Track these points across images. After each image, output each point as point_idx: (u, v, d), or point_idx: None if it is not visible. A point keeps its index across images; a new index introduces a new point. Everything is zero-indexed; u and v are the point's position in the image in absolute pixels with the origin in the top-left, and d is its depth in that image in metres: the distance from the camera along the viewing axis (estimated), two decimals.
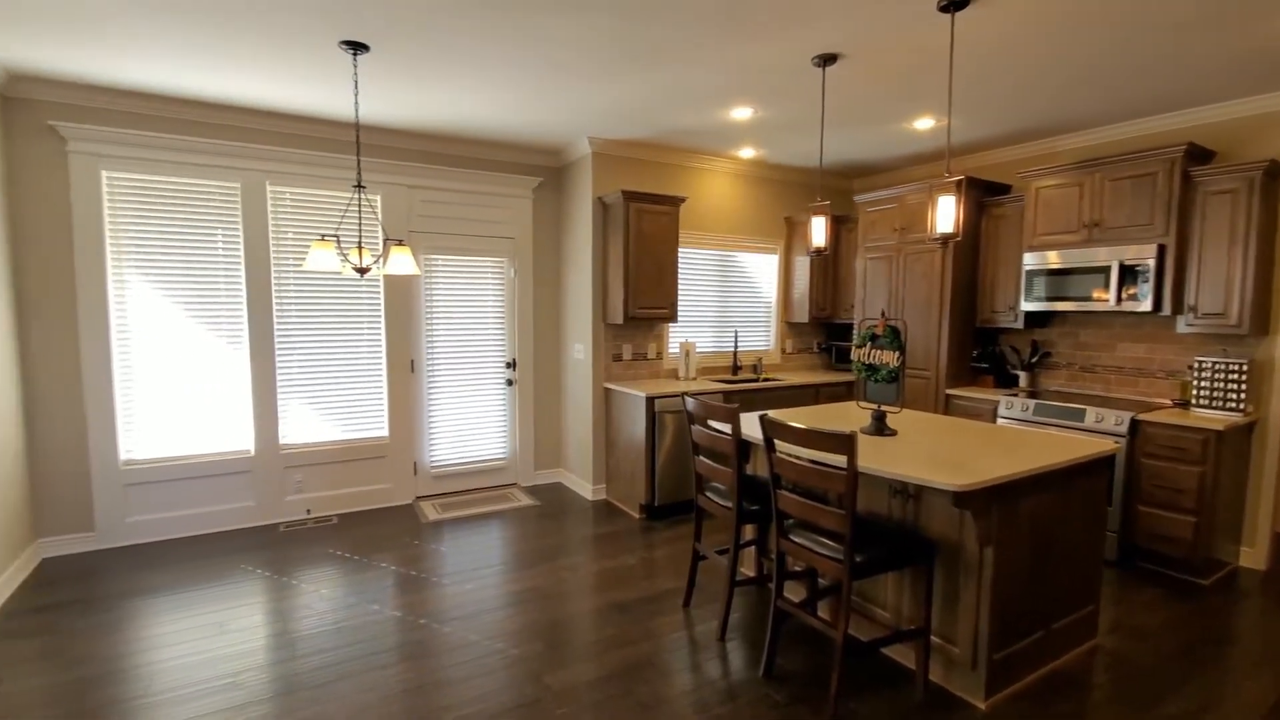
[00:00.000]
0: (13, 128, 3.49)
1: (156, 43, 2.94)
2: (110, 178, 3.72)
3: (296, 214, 4.24)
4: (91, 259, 3.68)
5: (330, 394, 4.45)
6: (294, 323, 4.28)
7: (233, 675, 2.59)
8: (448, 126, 4.30)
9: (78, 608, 3.14)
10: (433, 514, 4.52)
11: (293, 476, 4.36)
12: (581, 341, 4.91)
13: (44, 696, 2.44)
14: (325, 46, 2.97)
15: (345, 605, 3.19)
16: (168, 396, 3.97)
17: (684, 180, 5.10)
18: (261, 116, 4.02)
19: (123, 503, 3.87)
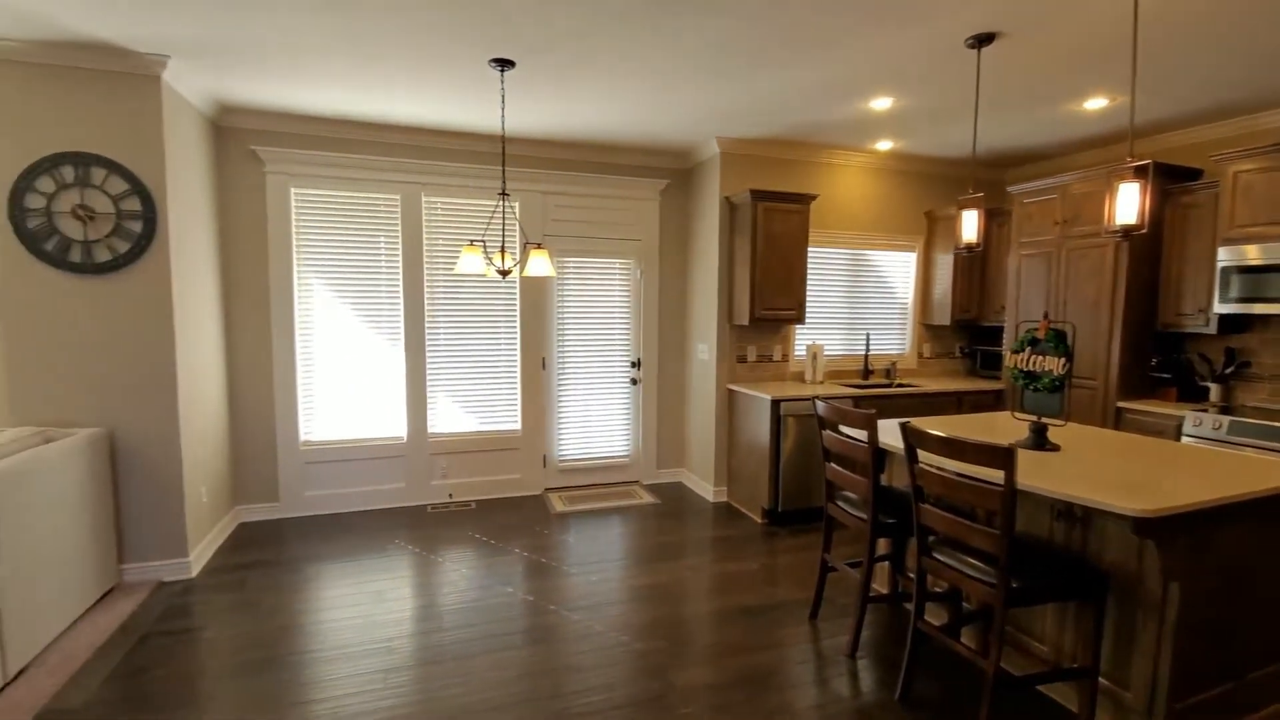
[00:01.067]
0: (223, 153, 4.08)
1: (340, 74, 3.31)
2: (297, 194, 4.24)
3: (446, 222, 4.60)
4: (282, 266, 4.23)
5: (471, 388, 4.78)
6: (442, 322, 4.65)
7: (389, 640, 2.86)
8: (580, 134, 4.47)
9: (266, 567, 3.61)
10: (560, 506, 4.72)
11: (438, 463, 4.74)
12: (705, 342, 4.91)
13: (240, 643, 2.83)
14: (476, 65, 3.19)
15: (483, 586, 3.41)
16: (338, 386, 4.46)
17: (814, 177, 4.94)
18: (419, 134, 4.40)
19: (301, 478, 4.41)
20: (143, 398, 3.29)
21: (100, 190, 3.13)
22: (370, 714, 2.34)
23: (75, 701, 2.40)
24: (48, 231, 3.07)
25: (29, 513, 2.60)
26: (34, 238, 3.06)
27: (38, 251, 3.07)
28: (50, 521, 2.74)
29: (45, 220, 3.07)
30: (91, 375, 3.21)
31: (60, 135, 3.08)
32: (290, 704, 2.40)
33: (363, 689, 2.50)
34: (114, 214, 3.15)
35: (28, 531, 2.58)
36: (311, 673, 2.61)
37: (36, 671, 2.56)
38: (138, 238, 3.19)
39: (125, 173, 3.15)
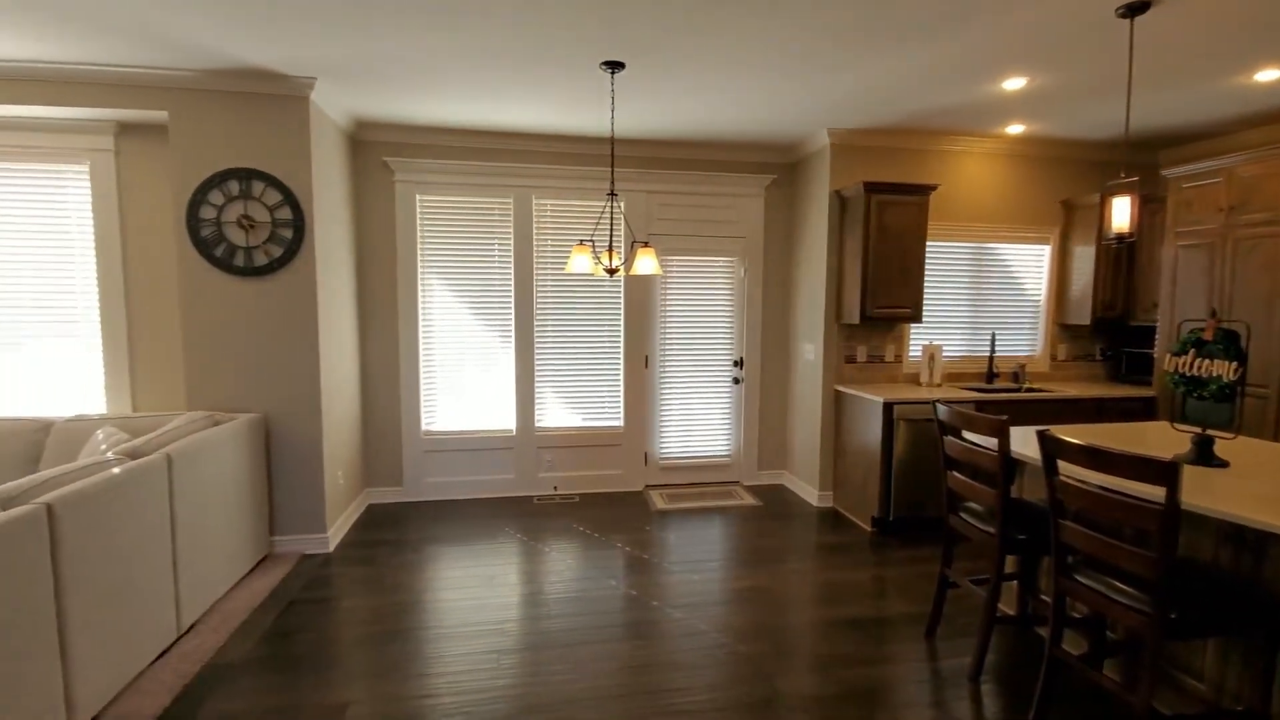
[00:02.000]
0: (359, 164, 4.44)
1: (462, 86, 3.51)
2: (422, 200, 4.54)
3: (555, 222, 4.76)
4: (408, 268, 4.54)
5: (576, 385, 4.92)
6: (550, 320, 4.81)
7: (500, 623, 3.00)
8: (686, 132, 4.46)
9: (392, 546, 3.90)
10: (660, 503, 4.75)
11: (544, 456, 4.91)
12: (812, 342, 4.76)
13: (370, 614, 3.07)
14: (588, 69, 3.27)
15: (587, 577, 3.49)
16: (455, 380, 4.74)
17: (933, 166, 4.65)
18: (531, 139, 4.58)
19: (422, 465, 4.72)
20: (291, 387, 3.65)
21: (259, 201, 3.50)
22: (484, 691, 2.47)
23: (235, 656, 2.70)
24: (217, 238, 3.48)
25: (201, 487, 2.95)
26: (206, 244, 3.47)
27: (209, 256, 3.48)
28: (218, 495, 3.10)
29: (215, 229, 3.47)
30: (250, 366, 3.60)
31: (227, 153, 3.48)
32: (413, 675, 2.57)
33: (477, 667, 2.63)
34: (270, 222, 3.51)
35: (200, 504, 2.94)
36: (431, 647, 2.78)
37: (203, 627, 2.91)
38: (289, 243, 3.54)
39: (279, 185, 3.51)
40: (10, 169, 3.66)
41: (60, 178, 3.71)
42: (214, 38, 2.93)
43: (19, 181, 3.68)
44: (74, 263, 3.77)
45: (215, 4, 2.60)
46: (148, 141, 3.79)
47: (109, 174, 3.71)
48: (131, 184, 3.79)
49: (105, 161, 3.70)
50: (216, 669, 2.61)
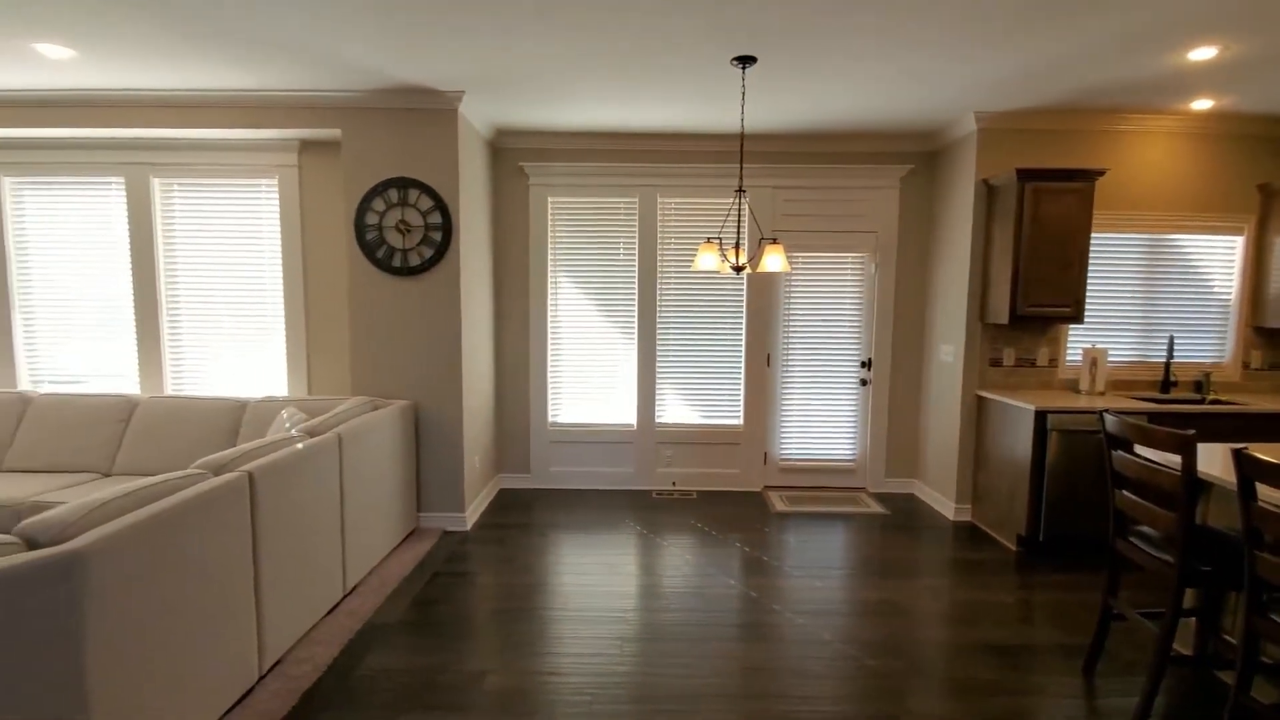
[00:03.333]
0: (497, 170, 4.74)
1: (594, 91, 3.64)
2: (553, 202, 4.76)
3: (678, 220, 4.80)
4: (539, 267, 4.79)
5: (696, 382, 4.94)
6: (671, 317, 4.87)
7: (621, 611, 3.09)
8: (815, 124, 4.33)
9: (521, 529, 4.14)
10: (780, 505, 4.65)
11: (663, 452, 4.98)
12: (950, 342, 4.45)
13: (501, 591, 3.28)
14: (719, 66, 3.27)
15: (705, 574, 3.51)
16: (580, 375, 4.93)
17: (1098, 149, 4.18)
18: (656, 139, 4.65)
19: (549, 455, 4.96)
20: (437, 377, 3.97)
21: (414, 207, 3.84)
22: (608, 676, 2.55)
23: (389, 618, 3.00)
24: (378, 242, 3.86)
25: (364, 464, 3.30)
26: (370, 247, 3.86)
27: (372, 258, 3.87)
28: (377, 472, 3.45)
29: (377, 233, 3.86)
30: (403, 357, 3.96)
31: (388, 164, 3.84)
32: (542, 652, 2.72)
33: (601, 651, 2.73)
34: (423, 226, 3.84)
35: (363, 479, 3.28)
36: (558, 628, 2.92)
37: (363, 590, 3.25)
38: (438, 245, 3.85)
39: (431, 192, 3.83)
40: (215, 184, 4.28)
41: (255, 191, 4.28)
42: (379, 61, 3.25)
43: (222, 194, 4.29)
44: (264, 264, 4.33)
45: (381, 32, 2.88)
46: (323, 157, 4.27)
47: (293, 186, 4.24)
48: (310, 195, 4.29)
49: (290, 176, 4.22)
50: (375, 628, 2.90)
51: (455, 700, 2.39)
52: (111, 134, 3.98)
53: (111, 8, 2.69)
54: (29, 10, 2.73)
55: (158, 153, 4.19)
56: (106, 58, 3.25)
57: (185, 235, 4.31)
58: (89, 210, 4.31)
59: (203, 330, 4.38)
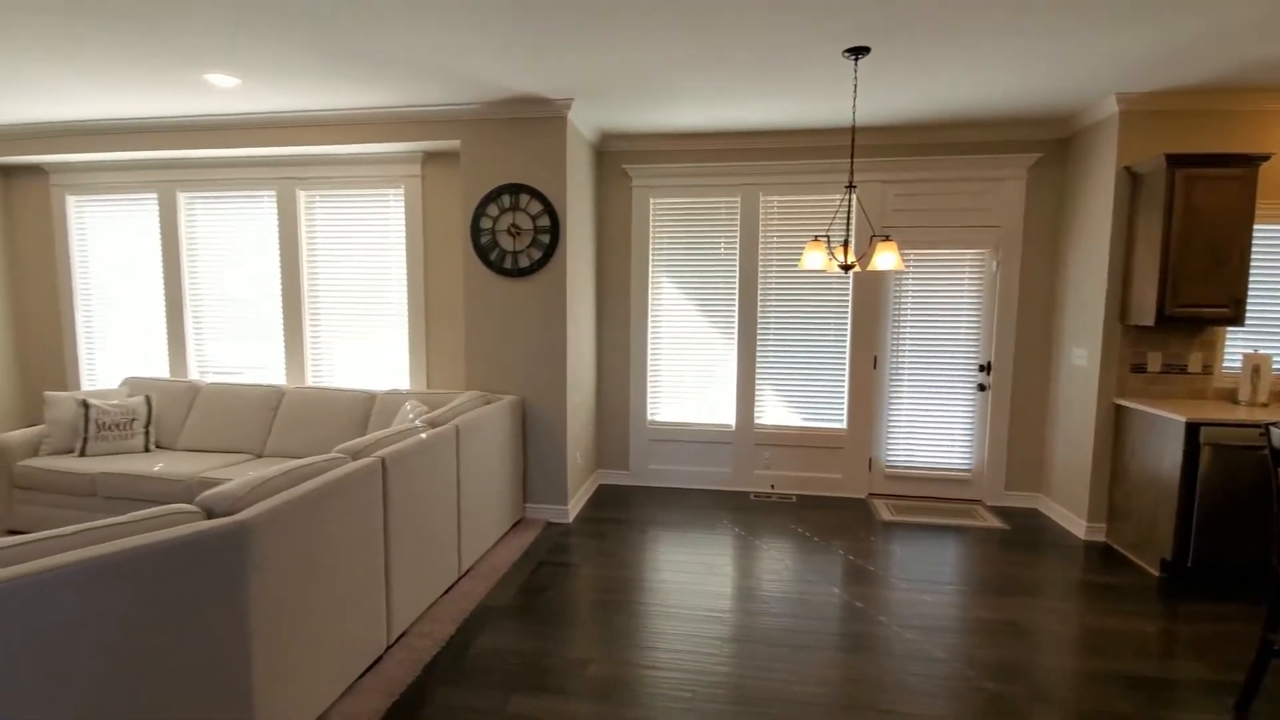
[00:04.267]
0: (602, 173, 4.86)
1: (698, 92, 3.66)
2: (655, 203, 4.83)
3: (782, 219, 4.72)
4: (640, 267, 4.87)
5: (797, 383, 4.83)
6: (772, 317, 4.79)
7: (718, 611, 3.09)
8: (932, 114, 4.11)
9: (620, 525, 4.23)
10: (886, 513, 4.46)
11: (762, 454, 4.92)
12: (1083, 345, 4.08)
13: (601, 584, 3.37)
14: (828, 59, 3.19)
15: (805, 580, 3.43)
16: (679, 374, 4.96)
17: (1261, 131, 3.68)
18: (759, 136, 4.59)
19: (647, 452, 5.03)
20: (543, 374, 4.14)
21: (524, 211, 4.02)
22: (707, 674, 2.56)
23: (499, 602, 3.16)
24: (491, 245, 4.08)
25: (478, 455, 3.50)
26: (484, 250, 4.09)
27: (485, 260, 4.10)
28: (489, 463, 3.64)
29: (491, 237, 4.07)
30: (512, 355, 4.16)
31: (501, 170, 4.05)
32: (641, 646, 2.77)
33: (699, 650, 2.75)
34: (532, 230, 4.02)
35: (477, 469, 3.49)
36: (656, 623, 2.97)
37: (475, 574, 3.45)
38: (546, 248, 4.01)
39: (540, 196, 3.99)
40: (350, 194, 4.68)
41: (384, 199, 4.65)
42: (495, 74, 3.43)
43: (355, 204, 4.69)
44: (390, 267, 4.69)
45: (500, 47, 3.04)
46: (443, 166, 4.57)
47: (416, 194, 4.56)
48: (431, 202, 4.60)
49: (415, 185, 4.55)
50: (486, 610, 3.08)
51: (560, 685, 2.49)
52: (266, 152, 4.45)
53: (272, 39, 3.02)
54: (204, 46, 3.11)
55: (303, 167, 4.65)
56: (265, 84, 3.65)
57: (324, 242, 4.75)
58: (246, 220, 4.85)
59: (337, 327, 4.81)
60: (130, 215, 5.03)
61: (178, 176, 4.85)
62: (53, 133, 4.58)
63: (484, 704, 2.37)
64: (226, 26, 2.88)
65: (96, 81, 3.62)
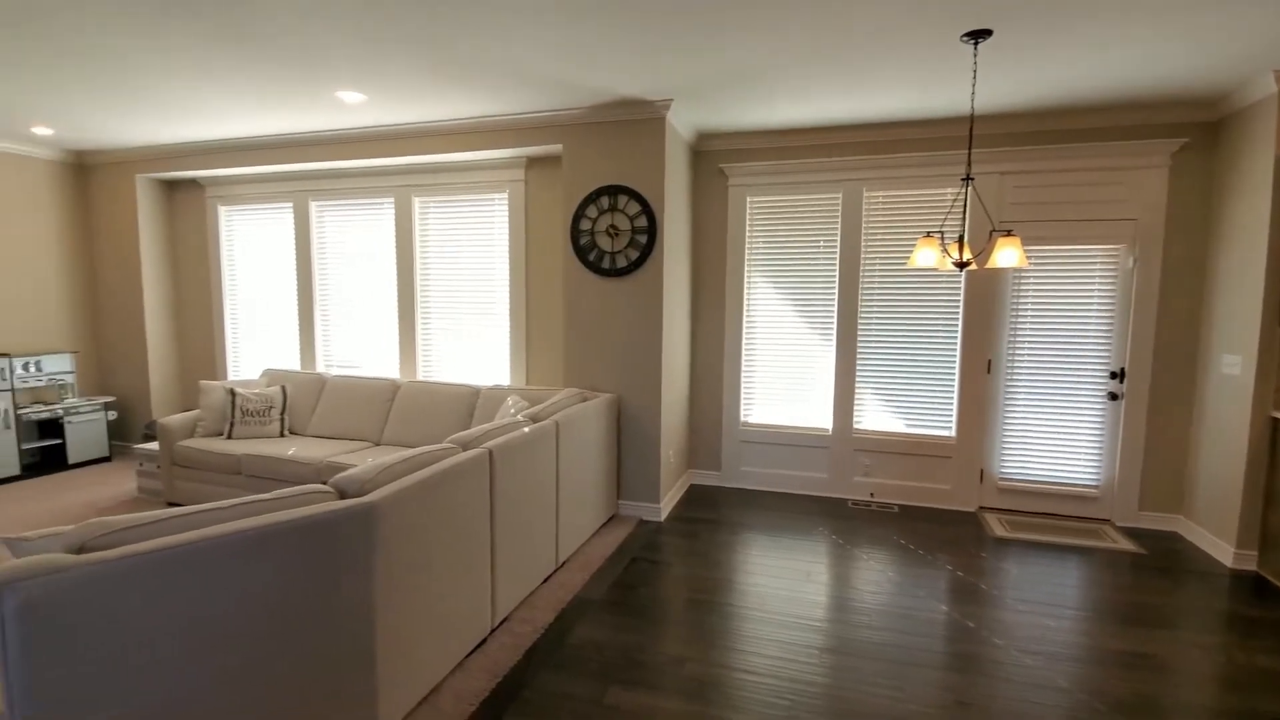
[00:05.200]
0: (698, 172, 4.86)
1: (801, 85, 3.58)
2: (751, 201, 4.77)
3: (885, 216, 4.52)
4: (735, 267, 4.82)
5: (900, 387, 4.61)
6: (874, 317, 4.60)
7: (815, 620, 3.00)
8: (1056, 99, 3.80)
9: (712, 525, 4.20)
10: (999, 529, 4.17)
11: (860, 460, 4.73)
12: (1236, 352, 3.64)
13: (693, 583, 3.36)
14: (944, 44, 3.02)
15: (910, 594, 3.27)
16: (773, 375, 4.87)
17: None
18: (862, 130, 4.42)
19: (739, 454, 4.98)
20: (638, 374, 4.19)
21: (622, 212, 4.09)
22: (805, 683, 2.50)
23: (595, 595, 3.23)
24: (590, 245, 4.18)
25: (575, 450, 3.59)
26: (583, 251, 4.19)
27: (585, 261, 4.20)
28: (585, 459, 3.73)
29: (590, 238, 4.17)
30: (609, 353, 4.24)
31: (601, 173, 4.14)
32: (737, 649, 2.74)
33: (795, 657, 2.68)
34: (630, 230, 4.08)
35: (574, 464, 3.58)
36: (751, 626, 2.92)
37: (571, 566, 3.54)
38: (644, 248, 4.06)
39: (638, 197, 4.05)
40: (459, 199, 4.94)
41: (489, 204, 4.87)
42: (598, 79, 3.51)
43: (464, 208, 4.95)
44: (494, 268, 4.91)
45: (604, 52, 3.11)
46: (544, 171, 4.73)
47: (520, 198, 4.75)
48: (533, 205, 4.78)
49: (518, 189, 4.74)
50: (582, 602, 3.15)
51: (656, 681, 2.51)
52: (386, 162, 4.78)
53: (395, 56, 3.24)
54: (336, 65, 3.39)
55: (418, 175, 4.96)
56: (388, 99, 3.92)
57: (435, 245, 5.05)
58: (368, 226, 5.23)
59: (445, 325, 5.09)
60: (270, 223, 5.56)
61: (310, 187, 5.30)
62: (208, 150, 5.14)
63: (582, 692, 2.43)
64: (359, 47, 3.12)
65: (245, 102, 4.03)
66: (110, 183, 5.62)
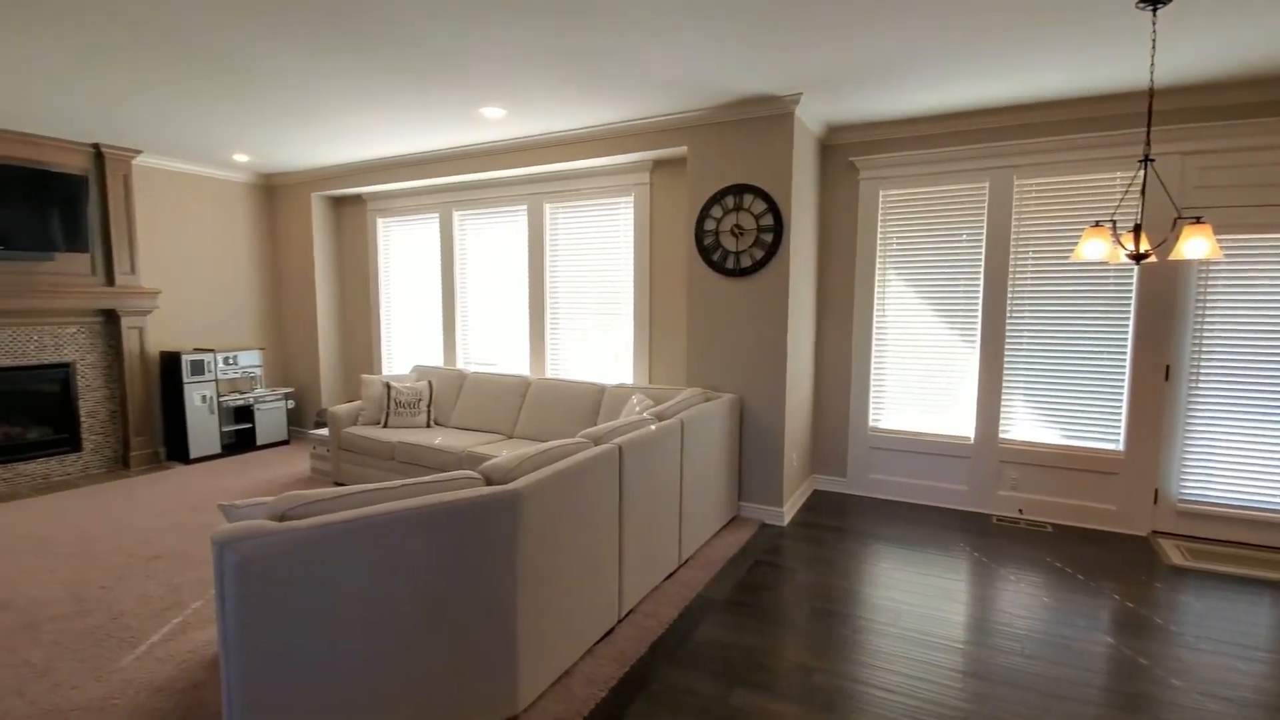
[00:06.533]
0: (827, 168, 4.70)
1: (942, 70, 3.36)
2: (884, 195, 4.54)
3: (1040, 204, 4.13)
4: (865, 264, 4.61)
5: (1056, 394, 4.19)
6: (1026, 317, 4.21)
7: (955, 641, 2.80)
8: (1251, 67, 3.28)
9: (838, 533, 4.05)
10: (1176, 557, 3.67)
11: (1007, 472, 4.35)
12: None
13: (822, 591, 3.26)
14: (1115, 13, 2.71)
15: (1068, 622, 2.96)
16: (907, 378, 4.60)
17: None
18: (1012, 112, 4.06)
19: (867, 460, 4.76)
20: (761, 374, 4.13)
21: (748, 211, 4.05)
22: (949, 708, 2.34)
23: (718, 595, 3.23)
24: (714, 245, 4.18)
25: (699, 450, 3.61)
26: (707, 251, 4.20)
27: (708, 261, 4.21)
28: (708, 458, 3.74)
29: (714, 238, 4.18)
30: (732, 353, 4.22)
31: (726, 172, 4.13)
32: (868, 664, 2.63)
33: (936, 680, 2.52)
34: (755, 229, 4.04)
35: (698, 463, 3.60)
36: (882, 642, 2.79)
37: (694, 564, 3.56)
38: (769, 247, 4.00)
39: (764, 195, 3.99)
40: (587, 204, 5.13)
41: (615, 208, 5.02)
42: (726, 78, 3.51)
43: (591, 213, 5.13)
44: (619, 269, 5.05)
45: (731, 47, 3.10)
46: (668, 173, 4.79)
47: (645, 201, 4.85)
48: (657, 206, 4.86)
49: (643, 192, 4.84)
50: (705, 600, 3.16)
51: (783, 687, 2.47)
52: (520, 172, 5.07)
53: (536, 72, 3.43)
54: (482, 84, 3.64)
55: (549, 183, 5.21)
56: (525, 112, 4.16)
57: (564, 248, 5.28)
58: (503, 233, 5.58)
59: (572, 325, 5.31)
60: (418, 232, 6.09)
61: (453, 198, 5.74)
62: (369, 168, 5.72)
63: (707, 690, 2.44)
64: (504, 66, 3.34)
65: (402, 124, 4.44)
66: (291, 201, 6.42)
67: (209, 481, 5.10)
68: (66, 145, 4.99)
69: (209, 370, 5.71)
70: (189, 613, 2.99)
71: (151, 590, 3.20)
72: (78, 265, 5.12)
